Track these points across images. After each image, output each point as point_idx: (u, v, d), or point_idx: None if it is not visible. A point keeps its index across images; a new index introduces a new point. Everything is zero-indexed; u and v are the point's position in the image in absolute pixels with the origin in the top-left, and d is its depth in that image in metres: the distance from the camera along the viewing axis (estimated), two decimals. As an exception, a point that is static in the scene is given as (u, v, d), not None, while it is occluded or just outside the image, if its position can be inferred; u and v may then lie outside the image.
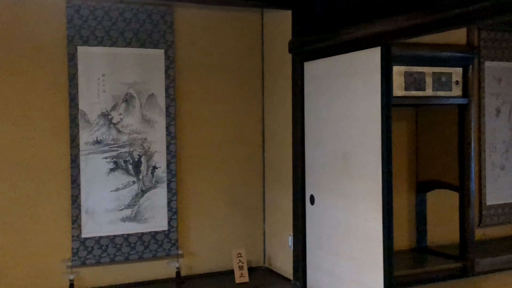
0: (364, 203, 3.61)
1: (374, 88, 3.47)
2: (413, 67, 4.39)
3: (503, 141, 5.53)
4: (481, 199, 5.35)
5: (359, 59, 3.63)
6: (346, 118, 3.78)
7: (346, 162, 3.78)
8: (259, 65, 4.86)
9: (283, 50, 4.41)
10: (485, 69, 5.42)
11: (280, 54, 4.52)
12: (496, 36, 5.48)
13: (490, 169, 5.45)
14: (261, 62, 4.86)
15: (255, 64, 4.84)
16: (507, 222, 5.52)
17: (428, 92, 4.46)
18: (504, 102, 5.54)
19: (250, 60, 4.83)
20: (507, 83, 5.54)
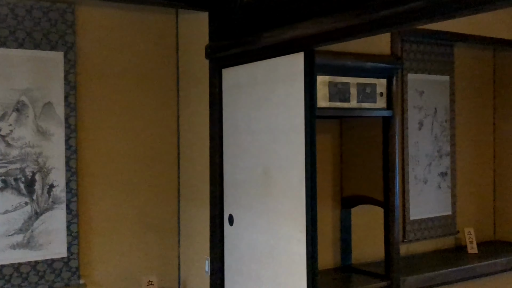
0: (286, 223, 3.29)
1: (297, 97, 3.17)
2: (337, 77, 4.16)
3: (426, 155, 5.44)
4: (405, 214, 5.23)
5: (281, 66, 3.32)
6: (267, 130, 3.45)
7: (268, 178, 3.44)
8: (174, 72, 4.45)
9: (200, 56, 4.03)
10: (408, 81, 5.32)
11: (196, 60, 4.14)
12: (419, 48, 5.39)
13: (414, 183, 5.34)
14: (176, 69, 4.45)
15: (169, 70, 4.43)
16: (429, 237, 5.42)
17: (353, 103, 4.25)
18: (426, 115, 5.46)
19: (163, 66, 4.41)
20: (429, 96, 5.47)
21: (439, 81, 5.54)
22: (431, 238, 5.45)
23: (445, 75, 5.57)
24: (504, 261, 5.23)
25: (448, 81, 5.60)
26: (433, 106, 5.49)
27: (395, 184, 4.40)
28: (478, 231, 5.69)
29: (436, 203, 5.48)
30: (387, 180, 4.34)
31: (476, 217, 5.88)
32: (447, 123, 5.59)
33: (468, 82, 5.83)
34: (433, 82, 5.49)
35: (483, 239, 5.86)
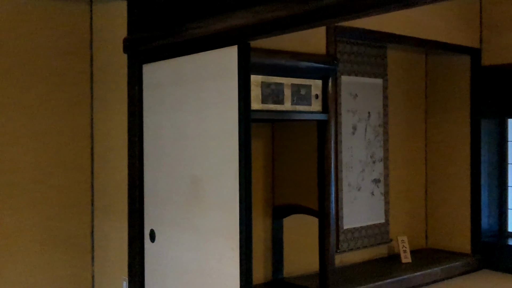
0: (217, 239, 2.93)
1: (230, 97, 2.82)
2: (270, 77, 3.88)
3: (359, 160, 5.26)
4: (338, 223, 5.02)
5: (211, 61, 2.95)
6: (196, 135, 3.07)
7: (196, 188, 3.06)
8: (87, 67, 3.96)
9: (117, 50, 3.59)
10: (342, 84, 5.12)
11: (113, 55, 3.68)
12: (352, 49, 5.20)
13: (347, 190, 5.14)
14: (89, 64, 3.96)
15: (82, 66, 3.94)
16: (363, 246, 5.24)
17: (287, 106, 3.97)
18: (360, 119, 5.28)
19: (75, 61, 3.91)
20: (363, 100, 5.29)
21: (372, 84, 5.38)
22: (365, 248, 5.28)
23: (379, 78, 5.43)
24: (438, 271, 5.13)
25: (382, 84, 5.47)
26: (366, 110, 5.32)
27: (330, 192, 4.17)
28: (410, 239, 5.59)
29: (369, 211, 5.32)
30: (322, 188, 4.12)
31: (409, 225, 5.78)
32: (380, 127, 5.44)
33: (401, 86, 5.73)
34: (366, 85, 5.33)
35: (415, 247, 5.77)
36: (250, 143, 2.81)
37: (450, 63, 5.77)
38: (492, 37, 5.49)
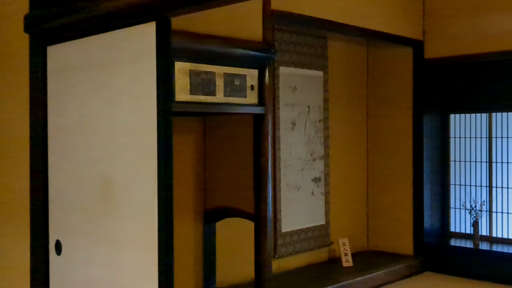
0: (133, 252, 2.49)
1: (147, 84, 2.39)
2: (200, 65, 3.49)
3: (298, 158, 4.94)
4: (276, 226, 4.69)
5: (125, 41, 2.51)
6: (107, 128, 2.62)
7: (108, 192, 2.61)
8: (-18, 50, 3.39)
9: (18, 29, 3.06)
10: (280, 75, 4.78)
11: (13, 34, 3.15)
12: (291, 39, 4.87)
13: (286, 190, 4.82)
14: (-16, 46, 3.40)
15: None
16: (302, 250, 4.94)
17: (219, 97, 3.59)
18: (299, 114, 4.96)
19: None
20: (302, 93, 4.97)
21: (312, 77, 5.07)
22: (304, 252, 4.98)
23: (319, 70, 5.13)
24: (380, 275, 4.90)
25: (322, 77, 5.17)
26: (306, 104, 5.01)
27: (267, 193, 3.82)
28: (351, 241, 5.34)
29: (309, 212, 5.02)
30: (259, 188, 3.79)
31: (350, 226, 5.53)
32: (320, 123, 5.15)
33: (342, 79, 5.46)
34: (306, 77, 5.01)
35: (357, 249, 5.53)
36: (171, 138, 2.39)
37: (392, 55, 5.56)
38: (435, 29, 5.31)
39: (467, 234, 5.49)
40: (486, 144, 5.44)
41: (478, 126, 5.50)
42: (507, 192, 5.32)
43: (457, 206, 5.60)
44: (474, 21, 5.08)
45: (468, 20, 5.11)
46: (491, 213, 5.38)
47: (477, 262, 5.09)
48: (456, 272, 5.18)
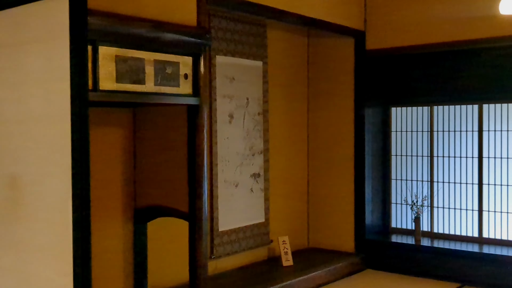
0: (43, 261, 2.20)
1: (60, 69, 2.10)
2: (128, 50, 3.24)
3: (237, 153, 4.73)
4: (213, 225, 4.47)
5: (35, 18, 2.20)
6: (13, 120, 2.30)
7: (15, 193, 2.30)
8: None
9: None
10: (217, 65, 4.54)
11: None
12: (229, 26, 4.64)
13: (223, 187, 4.60)
14: None
15: None
16: (241, 250, 4.74)
17: (149, 86, 3.36)
18: (237, 106, 4.74)
19: None
20: (240, 84, 4.75)
21: (251, 67, 4.86)
22: (243, 251, 4.78)
23: (258, 60, 4.93)
24: (321, 274, 4.77)
25: (261, 67, 4.97)
26: (245, 96, 4.80)
27: (203, 190, 3.64)
28: (292, 239, 5.18)
29: (248, 209, 4.82)
30: (194, 185, 3.61)
31: (290, 223, 5.38)
32: (260, 116, 4.95)
33: (282, 70, 5.29)
34: (245, 67, 4.79)
35: (297, 247, 5.39)
36: (87, 130, 2.10)
37: (333, 46, 5.43)
38: (377, 19, 5.22)
39: (408, 230, 5.45)
40: (427, 138, 5.41)
41: (420, 120, 5.46)
42: (448, 186, 5.30)
43: (398, 201, 5.56)
44: (417, 11, 5.01)
45: (411, 10, 5.04)
46: (432, 208, 5.36)
47: (419, 258, 5.05)
48: (397, 269, 5.12)
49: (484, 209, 5.10)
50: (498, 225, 5.04)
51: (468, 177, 5.20)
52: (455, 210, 5.27)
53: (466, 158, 5.21)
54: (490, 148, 5.08)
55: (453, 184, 5.28)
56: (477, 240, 5.11)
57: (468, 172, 5.20)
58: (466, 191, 5.21)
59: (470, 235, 5.17)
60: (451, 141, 5.29)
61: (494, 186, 5.06)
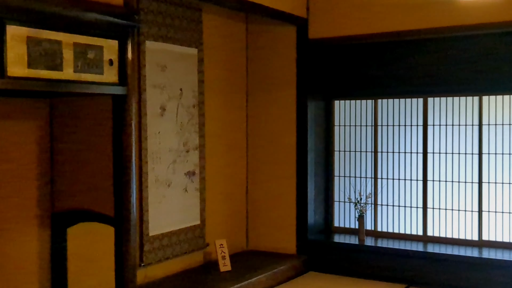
0: None
1: None
2: (42, 31, 2.98)
3: (169, 149, 4.41)
4: (143, 229, 4.16)
5: None
6: None
7: None
8: None
9: None
10: (146, 51, 4.20)
11: None
12: (160, 8, 4.30)
13: (154, 187, 4.29)
14: None
15: None
16: (174, 255, 4.45)
17: (68, 73, 3.10)
18: (170, 97, 4.42)
19: None
20: (173, 73, 4.44)
21: (185, 55, 4.55)
22: (176, 257, 4.49)
23: (193, 47, 4.62)
24: (262, 278, 4.55)
25: (196, 55, 4.66)
26: (178, 86, 4.48)
27: (131, 192, 3.44)
28: (230, 241, 4.94)
29: (182, 211, 4.52)
30: (120, 187, 3.38)
31: (228, 225, 5.13)
32: (195, 108, 4.65)
33: (219, 58, 5.01)
34: (178, 55, 4.47)
35: (236, 250, 5.16)
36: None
37: (274, 34, 5.21)
38: (320, 6, 5.04)
39: (352, 229, 5.32)
40: (371, 133, 5.29)
41: (364, 114, 5.33)
42: (392, 183, 5.21)
43: (341, 199, 5.41)
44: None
45: (355, -3, 4.89)
46: (376, 206, 5.25)
47: (363, 259, 4.92)
48: (341, 270, 4.98)
49: (428, 206, 5.04)
50: (443, 222, 4.98)
51: (413, 173, 5.12)
52: (399, 208, 5.18)
53: (410, 154, 5.12)
54: (435, 143, 5.02)
55: (397, 180, 5.19)
56: (422, 238, 5.04)
57: (413, 168, 5.12)
58: (411, 187, 5.13)
59: (414, 233, 5.09)
60: (396, 136, 5.19)
61: (439, 182, 5.00)
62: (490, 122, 4.79)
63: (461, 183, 4.91)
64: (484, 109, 4.80)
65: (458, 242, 4.88)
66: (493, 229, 4.78)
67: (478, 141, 4.83)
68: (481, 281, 4.43)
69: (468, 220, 4.88)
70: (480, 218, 4.81)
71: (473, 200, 4.86)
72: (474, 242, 4.82)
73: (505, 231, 4.73)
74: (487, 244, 4.76)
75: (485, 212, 4.80)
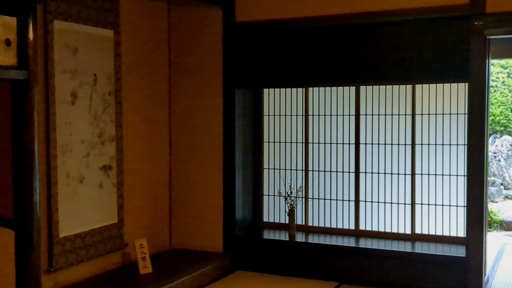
0: None
1: None
2: None
3: (82, 141, 4.12)
4: (51, 231, 3.85)
5: None
6: None
7: None
8: None
9: None
10: (55, 32, 3.86)
11: None
12: (70, -16, 3.95)
13: (65, 183, 3.99)
14: None
15: None
16: (88, 258, 4.18)
17: None
18: (82, 84, 4.11)
19: None
20: (86, 57, 4.12)
21: (99, 37, 4.24)
22: (91, 259, 4.21)
23: (108, 28, 4.32)
24: (186, 280, 4.33)
25: (112, 37, 4.36)
26: (91, 72, 4.18)
27: (34, 189, 3.16)
28: (151, 240, 4.70)
29: (97, 209, 4.25)
30: (21, 186, 3.11)
31: (149, 223, 4.86)
32: (111, 96, 4.36)
33: (139, 41, 4.72)
34: (91, 37, 4.16)
35: (158, 249, 4.92)
36: None
37: (198, 16, 4.97)
38: (247, -14, 4.83)
39: (282, 224, 5.18)
40: (302, 123, 5.16)
41: (294, 103, 5.19)
42: (324, 175, 5.10)
43: (271, 193, 5.26)
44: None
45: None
46: (307, 200, 5.13)
47: (294, 256, 4.79)
48: (270, 269, 4.83)
49: (361, 199, 4.97)
50: (375, 216, 4.93)
51: (345, 165, 5.03)
52: (331, 201, 5.09)
53: (342, 145, 5.03)
54: (368, 134, 4.94)
55: (329, 173, 5.09)
56: (354, 233, 4.97)
57: (345, 159, 5.03)
58: (343, 180, 5.05)
59: (346, 228, 5.01)
60: (327, 126, 5.08)
61: (371, 174, 4.93)
62: (423, 111, 4.76)
63: (394, 174, 4.87)
64: (417, 98, 4.76)
65: (391, 236, 4.84)
66: (426, 222, 4.77)
67: (411, 131, 4.79)
68: (414, 276, 4.40)
69: (401, 213, 4.85)
70: (413, 211, 4.79)
71: (406, 193, 4.82)
72: (407, 236, 4.79)
73: (438, 225, 4.73)
74: (420, 238, 4.75)
75: (418, 205, 4.78)
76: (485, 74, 4.09)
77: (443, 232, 4.71)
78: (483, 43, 4.07)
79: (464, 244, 4.43)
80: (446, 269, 4.30)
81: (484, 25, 4.03)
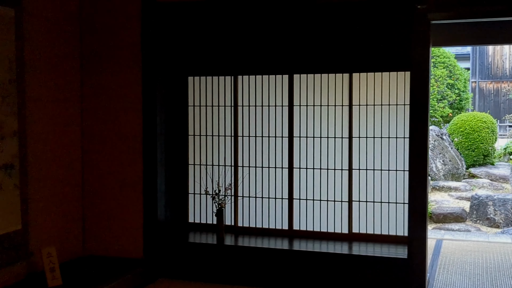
0: None
1: None
2: None
3: (-24, 137, 3.67)
4: None
5: None
6: None
7: None
8: None
9: None
10: None
11: None
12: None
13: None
14: None
15: None
16: None
17: None
18: (-24, 69, 3.67)
19: None
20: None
21: (-3, 15, 3.82)
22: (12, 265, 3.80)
23: (8, 6, 3.90)
24: (103, 293, 3.99)
25: (13, 16, 3.95)
26: None
27: None
28: (62, 246, 4.36)
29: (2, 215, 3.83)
30: None
31: (59, 227, 4.51)
32: (12, 84, 3.96)
33: (44, 20, 4.32)
34: None
35: (69, 256, 4.58)
36: None
37: (114, -5, 4.62)
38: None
39: (210, 225, 4.95)
40: (231, 114, 4.92)
41: (222, 92, 4.94)
42: (255, 172, 4.90)
43: (197, 191, 5.01)
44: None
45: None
46: (237, 198, 4.91)
47: (223, 260, 4.56)
48: (197, 275, 4.60)
49: (295, 197, 4.80)
50: (310, 215, 4.77)
51: (278, 160, 4.84)
52: (263, 200, 4.89)
53: (275, 138, 4.84)
54: (302, 126, 4.77)
55: (261, 168, 4.89)
56: (288, 233, 4.80)
57: (278, 154, 4.84)
58: (275, 176, 4.86)
59: (279, 228, 4.84)
60: (258, 118, 4.87)
61: (306, 170, 4.77)
62: (361, 102, 4.63)
63: (330, 170, 4.73)
64: (354, 87, 4.63)
65: (327, 236, 4.71)
66: (364, 220, 4.66)
67: (348, 123, 4.65)
68: (351, 278, 4.27)
69: (337, 212, 4.71)
70: (350, 209, 4.67)
71: (342, 189, 4.69)
72: (344, 236, 4.67)
73: (376, 223, 4.63)
74: (358, 237, 4.63)
75: (356, 202, 4.66)
76: (428, 62, 4.00)
77: (382, 231, 4.62)
78: (426, 28, 3.96)
79: (405, 244, 4.36)
80: (387, 270, 4.19)
81: (427, 8, 3.92)
